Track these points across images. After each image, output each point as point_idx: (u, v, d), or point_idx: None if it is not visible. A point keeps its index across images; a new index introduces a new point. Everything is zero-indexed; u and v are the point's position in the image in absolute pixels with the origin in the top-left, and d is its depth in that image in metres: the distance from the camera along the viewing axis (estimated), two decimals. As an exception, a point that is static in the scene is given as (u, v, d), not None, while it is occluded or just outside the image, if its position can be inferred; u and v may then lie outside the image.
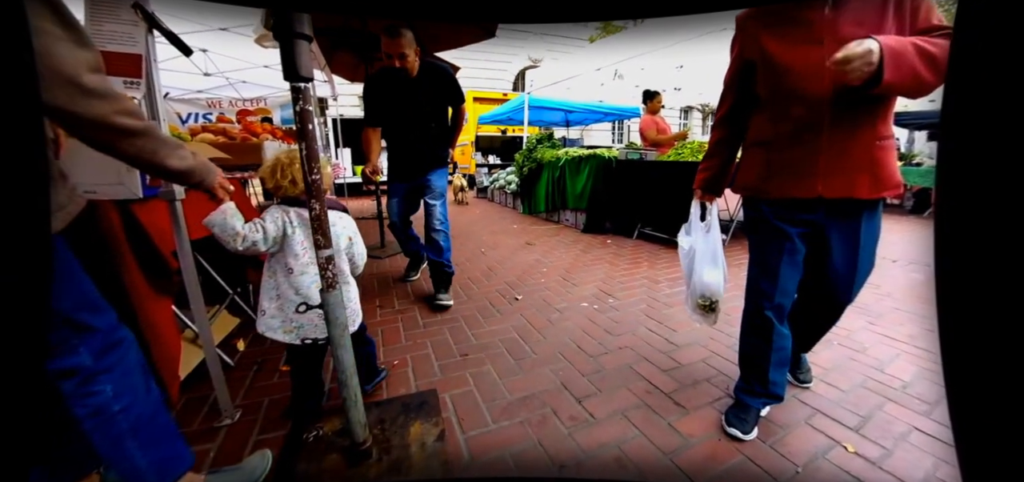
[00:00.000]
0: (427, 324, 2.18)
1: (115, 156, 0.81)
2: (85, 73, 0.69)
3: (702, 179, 1.44)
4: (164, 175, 0.90)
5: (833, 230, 1.20)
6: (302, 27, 0.93)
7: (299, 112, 0.97)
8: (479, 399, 1.52)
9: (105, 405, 0.86)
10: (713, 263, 1.44)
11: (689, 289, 1.52)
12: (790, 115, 1.12)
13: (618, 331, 2.07)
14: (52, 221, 0.77)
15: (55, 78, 0.67)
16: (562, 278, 2.94)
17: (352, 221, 1.41)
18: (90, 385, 0.85)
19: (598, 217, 4.51)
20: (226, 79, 4.80)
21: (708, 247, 1.44)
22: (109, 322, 0.90)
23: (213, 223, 1.12)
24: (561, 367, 1.73)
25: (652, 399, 1.51)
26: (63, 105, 0.68)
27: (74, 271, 0.84)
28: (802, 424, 1.36)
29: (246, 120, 3.10)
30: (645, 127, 4.61)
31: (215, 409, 1.41)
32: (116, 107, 0.74)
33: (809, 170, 1.13)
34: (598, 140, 14.19)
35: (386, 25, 2.16)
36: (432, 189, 2.39)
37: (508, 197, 6.66)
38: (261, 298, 1.29)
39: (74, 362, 0.83)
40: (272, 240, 1.23)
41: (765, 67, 1.15)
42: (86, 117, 0.70)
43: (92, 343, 0.85)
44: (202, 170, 0.98)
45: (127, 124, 0.77)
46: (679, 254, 1.54)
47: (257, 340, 1.95)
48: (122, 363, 0.90)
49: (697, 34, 4.00)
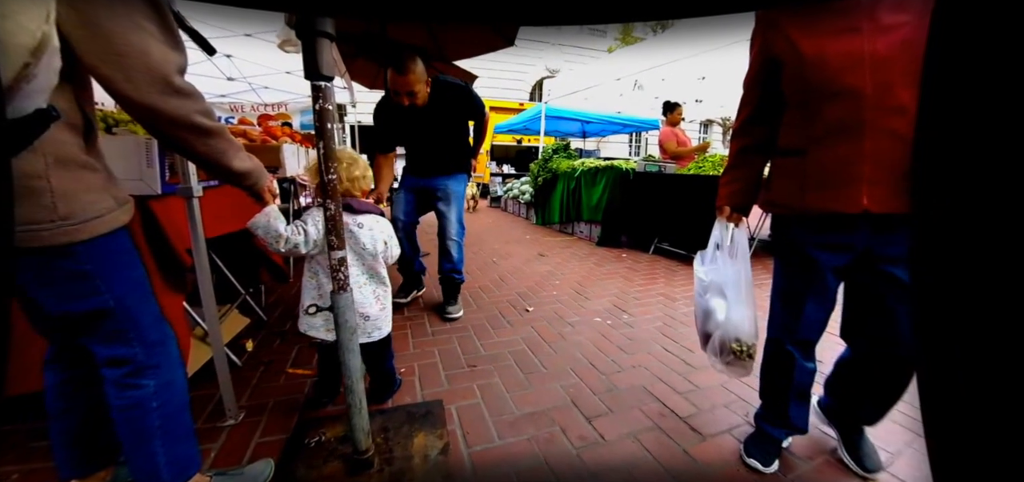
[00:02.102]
0: (436, 332, 2.17)
1: (186, 154, 0.87)
2: (174, 73, 0.75)
3: (728, 193, 1.23)
4: (227, 175, 0.94)
5: (885, 260, 1.01)
6: (325, 25, 0.94)
7: (319, 111, 0.97)
8: (486, 412, 1.49)
9: (145, 399, 0.88)
10: (746, 298, 1.19)
11: (707, 329, 1.27)
12: (825, 116, 0.97)
13: (632, 349, 2.02)
14: (119, 215, 0.82)
15: (148, 74, 0.73)
16: (575, 291, 2.90)
17: (388, 224, 1.43)
18: (137, 378, 0.87)
19: (613, 230, 4.45)
20: (249, 84, 4.97)
21: (739, 278, 1.20)
22: (159, 315, 0.92)
23: (257, 226, 1.17)
24: (571, 383, 1.69)
25: (666, 422, 1.45)
26: (152, 102, 0.74)
27: (135, 261, 0.87)
28: (828, 456, 1.29)
29: (266, 124, 3.18)
30: (665, 139, 4.55)
31: (220, 409, 1.42)
32: (197, 107, 0.81)
33: (851, 179, 0.97)
34: (614, 152, 14.13)
35: (393, 58, 2.03)
36: (448, 195, 2.35)
37: (521, 207, 6.66)
38: (303, 297, 1.34)
39: (126, 352, 0.85)
40: (313, 243, 1.27)
41: (793, 63, 1.00)
42: (170, 114, 0.76)
43: (145, 336, 0.87)
44: (258, 173, 1.01)
45: (204, 124, 0.83)
46: (695, 288, 1.30)
47: (266, 341, 1.97)
48: (167, 359, 0.93)
49: (721, 43, 3.94)
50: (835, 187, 0.99)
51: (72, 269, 0.77)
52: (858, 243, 1.02)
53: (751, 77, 1.14)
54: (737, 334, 1.19)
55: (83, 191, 0.76)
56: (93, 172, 0.79)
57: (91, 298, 0.80)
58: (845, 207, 0.98)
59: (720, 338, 1.22)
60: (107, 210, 0.80)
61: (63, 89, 0.72)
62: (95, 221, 0.77)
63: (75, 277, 0.77)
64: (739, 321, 1.19)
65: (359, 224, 1.35)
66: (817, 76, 0.96)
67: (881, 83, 0.90)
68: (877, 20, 0.90)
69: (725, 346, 1.20)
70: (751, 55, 1.14)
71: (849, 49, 0.92)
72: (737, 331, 1.19)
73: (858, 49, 0.91)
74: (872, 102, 0.92)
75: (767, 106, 1.13)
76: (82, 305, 0.80)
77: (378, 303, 1.39)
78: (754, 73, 1.13)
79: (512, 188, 7.10)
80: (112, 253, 0.82)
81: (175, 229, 1.39)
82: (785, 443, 1.30)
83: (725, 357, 1.22)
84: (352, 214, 1.34)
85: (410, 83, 2.00)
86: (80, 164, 0.76)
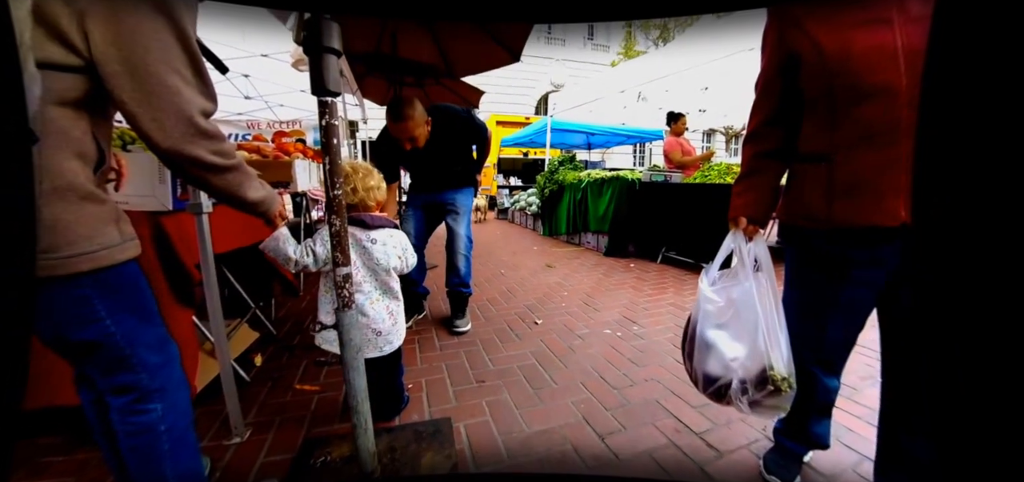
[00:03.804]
0: (443, 347, 2.11)
1: (202, 188, 0.88)
2: (199, 116, 0.75)
3: (743, 203, 1.06)
4: (241, 205, 0.93)
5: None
6: (331, 41, 0.91)
7: (325, 126, 0.95)
8: (495, 431, 1.42)
9: (154, 424, 0.84)
10: (777, 320, 0.97)
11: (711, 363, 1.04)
12: (854, 117, 0.86)
13: (644, 361, 1.93)
14: (129, 248, 0.81)
15: (175, 117, 0.72)
16: (583, 302, 2.82)
17: (402, 236, 1.39)
18: (143, 403, 0.84)
19: (621, 240, 4.38)
20: (265, 102, 5.04)
21: (768, 297, 0.98)
22: (164, 336, 0.89)
23: (267, 248, 1.17)
24: (582, 399, 1.62)
25: (682, 439, 1.37)
26: (174, 145, 0.73)
27: (138, 291, 0.84)
28: (850, 472, 1.21)
29: (280, 140, 3.20)
30: (670, 149, 4.50)
31: (227, 426, 1.37)
32: (216, 147, 0.80)
33: (887, 189, 0.84)
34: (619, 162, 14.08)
35: (390, 104, 1.94)
36: (456, 208, 2.30)
37: (528, 218, 6.61)
38: (319, 312, 1.31)
39: (131, 379, 0.82)
40: (322, 262, 1.25)
41: (813, 59, 0.89)
42: (190, 156, 0.76)
43: (150, 361, 0.84)
44: (269, 200, 1.00)
45: (221, 162, 0.82)
46: (700, 314, 1.06)
47: (275, 356, 1.93)
48: (172, 380, 0.89)
49: (723, 53, 3.90)
50: (868, 197, 0.86)
51: (64, 300, 0.72)
52: (890, 258, 0.89)
53: (765, 77, 1.02)
54: (774, 362, 0.95)
55: (78, 223, 0.71)
56: (98, 204, 0.75)
57: (88, 328, 0.76)
58: (881, 219, 0.85)
59: (759, 368, 0.96)
60: (107, 245, 0.76)
61: (79, 117, 0.70)
62: (88, 255, 0.72)
63: (69, 305, 0.73)
64: (768, 347, 0.96)
65: (372, 240, 1.31)
66: (843, 73, 0.84)
67: (917, 79, 0.79)
68: (907, 10, 0.80)
69: (765, 377, 0.95)
70: (764, 54, 1.02)
71: (879, 43, 0.81)
72: (774, 358, 0.95)
73: (890, 42, 0.80)
74: (908, 100, 0.81)
75: (785, 107, 1.00)
76: (79, 334, 0.76)
77: (391, 318, 1.35)
78: (769, 73, 1.01)
79: (519, 200, 7.07)
80: (110, 287, 0.77)
81: (185, 244, 1.36)
82: (806, 458, 1.21)
83: (761, 392, 0.96)
84: (365, 230, 1.31)
85: (409, 129, 1.92)
86: (82, 195, 0.71)
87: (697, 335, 1.07)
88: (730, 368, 1.00)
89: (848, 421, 1.43)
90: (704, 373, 1.05)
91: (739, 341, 1.00)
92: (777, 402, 0.96)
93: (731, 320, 1.03)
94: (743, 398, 0.98)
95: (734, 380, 0.99)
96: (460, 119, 2.18)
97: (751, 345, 0.97)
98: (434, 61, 3.32)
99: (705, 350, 1.05)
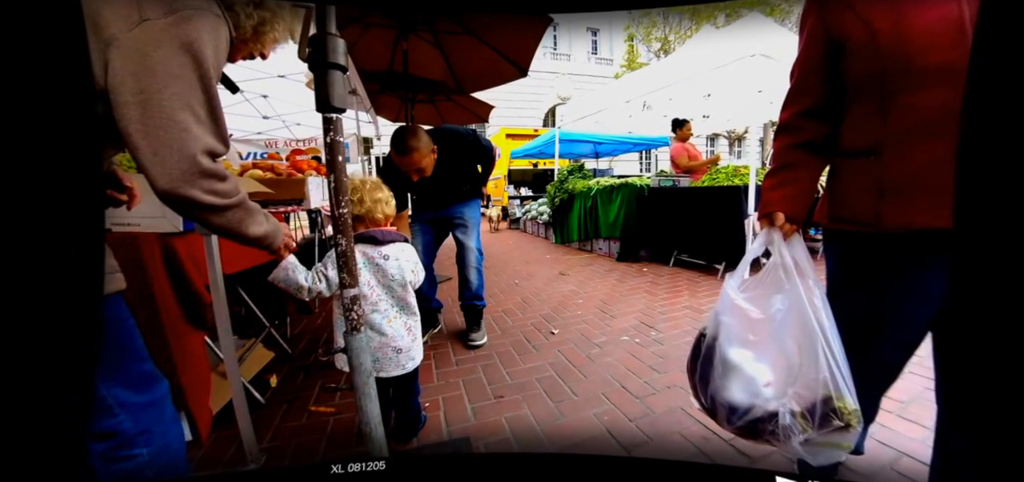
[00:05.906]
0: (460, 361, 2.01)
1: (203, 226, 0.82)
2: (201, 153, 0.70)
3: (780, 198, 0.88)
4: (243, 241, 0.88)
5: None
6: (337, 57, 0.86)
7: (329, 143, 0.89)
8: (516, 450, 1.31)
9: (138, 470, 0.77)
10: (833, 334, 0.78)
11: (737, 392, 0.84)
12: (908, 105, 0.73)
13: (664, 367, 1.80)
14: (110, 282, 0.73)
15: (177, 155, 0.67)
16: (599, 310, 2.70)
17: (412, 251, 1.31)
18: (126, 450, 0.76)
19: (632, 245, 4.27)
20: (282, 121, 5.09)
21: (818, 309, 0.79)
22: (150, 372, 0.81)
23: (277, 279, 1.10)
24: (605, 410, 1.50)
25: (710, 446, 1.26)
26: (171, 186, 0.68)
27: (123, 322, 0.77)
28: (888, 470, 1.12)
29: (295, 158, 3.18)
30: (676, 154, 4.44)
31: (241, 453, 1.29)
32: (215, 188, 0.75)
33: (946, 186, 0.72)
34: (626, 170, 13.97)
35: (393, 137, 1.82)
36: (466, 222, 2.21)
37: (540, 227, 6.53)
38: (335, 334, 1.24)
39: (110, 424, 0.74)
40: (335, 286, 1.16)
41: (862, 41, 0.76)
42: (188, 198, 0.71)
43: (131, 402, 0.76)
44: (273, 234, 0.93)
45: (220, 203, 0.76)
46: (720, 329, 0.87)
47: (291, 375, 1.85)
48: (160, 420, 0.81)
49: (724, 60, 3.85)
50: (923, 197, 0.73)
51: None
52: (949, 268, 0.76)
53: (806, 63, 0.88)
54: (838, 389, 0.75)
55: None
56: None
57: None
58: (938, 222, 0.71)
59: (817, 398, 0.77)
60: None
61: None
62: None
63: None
64: (839, 370, 0.75)
65: (385, 255, 1.23)
66: (899, 55, 0.72)
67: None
68: None
69: (830, 410, 0.74)
70: (803, 38, 0.89)
71: (942, 17, 0.68)
72: (837, 387, 0.74)
73: (956, 16, 0.67)
74: None
75: (826, 97, 0.86)
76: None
77: (409, 334, 1.26)
78: (808, 60, 0.87)
79: (530, 209, 7.00)
80: None
81: (196, 265, 1.30)
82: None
83: (824, 429, 0.75)
84: (377, 246, 1.22)
85: (416, 161, 1.79)
86: None
87: (716, 354, 0.87)
88: (764, 396, 0.81)
89: (881, 416, 1.28)
90: (729, 403, 0.86)
91: (777, 362, 0.82)
92: (841, 439, 0.76)
93: (765, 336, 0.85)
94: (797, 436, 0.76)
95: (782, 412, 0.78)
96: (466, 142, 2.07)
97: (802, 368, 0.79)
98: (444, 78, 3.29)
99: (728, 373, 0.86)
